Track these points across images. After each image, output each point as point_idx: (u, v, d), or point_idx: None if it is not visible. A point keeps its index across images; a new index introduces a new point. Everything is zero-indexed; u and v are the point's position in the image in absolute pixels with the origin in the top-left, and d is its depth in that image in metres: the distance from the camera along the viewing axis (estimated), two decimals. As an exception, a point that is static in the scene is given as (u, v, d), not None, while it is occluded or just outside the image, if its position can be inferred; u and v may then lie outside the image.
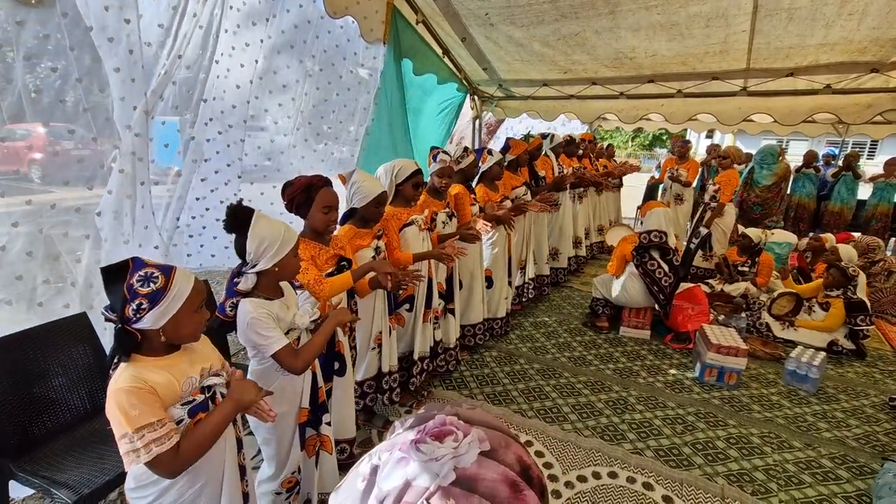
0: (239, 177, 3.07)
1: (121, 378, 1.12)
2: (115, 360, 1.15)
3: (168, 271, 1.17)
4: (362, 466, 0.53)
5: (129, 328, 1.14)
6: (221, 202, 2.95)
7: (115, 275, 1.14)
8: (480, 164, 3.36)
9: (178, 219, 2.63)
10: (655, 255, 3.75)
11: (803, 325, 3.95)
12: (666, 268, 3.72)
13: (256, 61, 2.96)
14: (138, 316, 1.13)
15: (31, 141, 2.59)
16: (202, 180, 2.89)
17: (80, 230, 2.15)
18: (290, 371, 1.58)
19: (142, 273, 1.14)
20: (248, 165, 3.37)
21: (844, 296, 3.81)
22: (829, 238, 4.42)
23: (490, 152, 3.44)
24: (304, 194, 1.86)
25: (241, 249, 1.50)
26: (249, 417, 1.44)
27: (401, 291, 2.67)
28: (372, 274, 2.07)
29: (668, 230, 3.77)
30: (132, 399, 1.09)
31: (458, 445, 0.48)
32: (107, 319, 1.15)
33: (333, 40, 3.47)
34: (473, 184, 3.43)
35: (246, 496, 1.41)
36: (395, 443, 0.51)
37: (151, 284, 1.13)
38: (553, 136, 4.87)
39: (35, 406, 1.85)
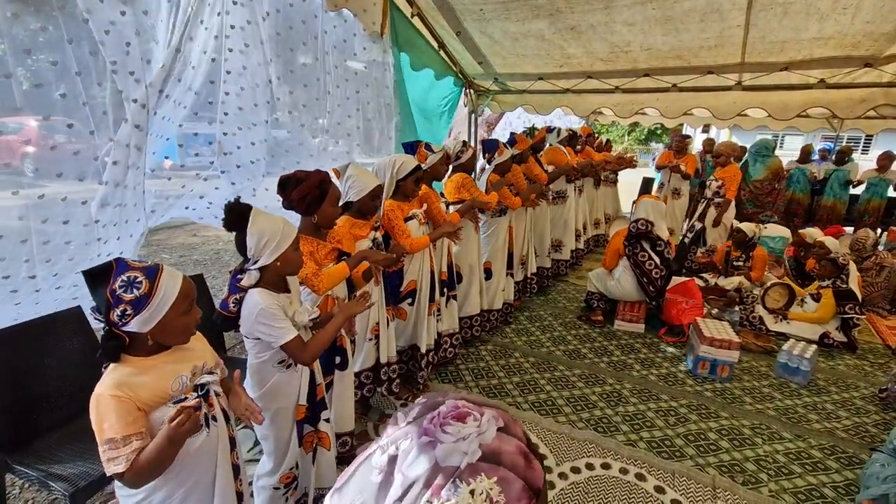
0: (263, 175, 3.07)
1: (105, 383, 1.09)
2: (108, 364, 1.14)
3: (153, 275, 1.12)
4: (375, 459, 0.52)
5: (117, 331, 1.12)
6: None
7: (98, 278, 1.10)
8: (497, 155, 3.43)
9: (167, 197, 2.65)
10: (646, 246, 3.77)
11: (796, 318, 3.99)
12: (657, 259, 3.74)
13: (270, 60, 2.94)
14: (123, 321, 1.10)
15: (25, 134, 2.57)
16: (232, 184, 2.89)
17: (74, 223, 2.15)
18: (299, 362, 1.60)
19: (125, 277, 1.09)
20: (245, 160, 3.36)
21: (834, 285, 3.85)
22: (807, 233, 4.45)
23: (507, 146, 3.55)
24: (319, 189, 1.85)
25: (241, 246, 1.51)
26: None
27: (401, 289, 2.72)
28: (365, 265, 2.09)
29: (654, 220, 3.78)
30: (107, 409, 1.07)
31: (480, 424, 0.51)
32: (96, 319, 1.13)
33: (331, 33, 3.45)
34: (487, 173, 3.49)
35: (240, 495, 1.38)
36: (409, 431, 0.52)
37: (135, 290, 1.09)
38: (559, 129, 4.91)
39: (31, 399, 1.85)
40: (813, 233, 4.44)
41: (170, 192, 2.69)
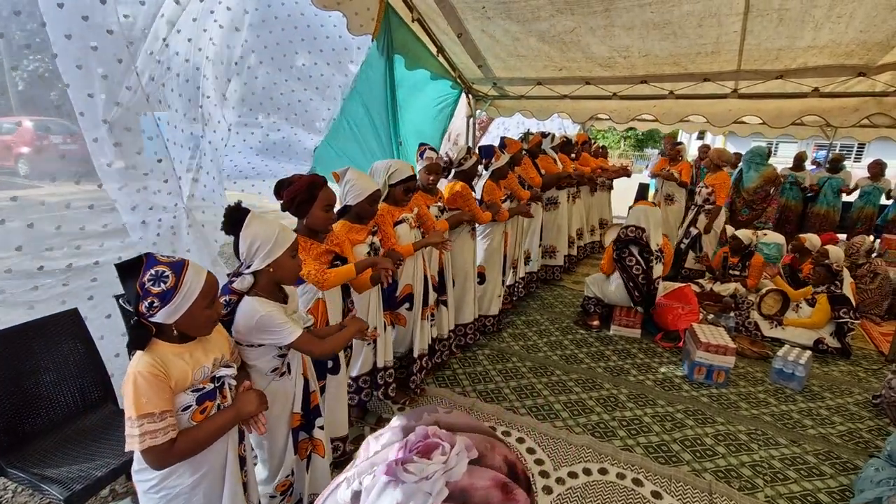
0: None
1: (142, 361, 1.17)
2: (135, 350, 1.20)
3: (180, 269, 1.19)
4: (340, 493, 0.49)
5: (145, 321, 1.19)
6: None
7: (128, 271, 1.18)
8: (494, 161, 3.43)
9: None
10: (634, 250, 3.80)
11: (792, 323, 4.01)
12: (643, 264, 3.76)
13: (286, 56, 2.96)
14: (151, 312, 1.17)
15: (18, 135, 2.55)
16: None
17: (74, 224, 2.13)
18: (314, 356, 1.63)
19: (153, 272, 1.17)
20: (241, 163, 3.35)
21: (828, 290, 3.88)
22: (807, 238, 4.48)
23: (501, 150, 3.54)
24: (307, 192, 1.85)
25: (237, 249, 1.51)
26: None
27: (398, 292, 2.71)
28: (370, 270, 2.10)
29: (647, 227, 3.80)
30: (146, 385, 1.14)
31: (447, 459, 0.46)
32: (124, 308, 1.21)
33: (333, 35, 3.47)
34: (483, 179, 3.48)
35: (245, 485, 1.44)
36: (376, 462, 0.48)
37: (162, 284, 1.16)
38: (553, 135, 4.93)
39: (25, 402, 1.83)
40: (812, 238, 4.48)
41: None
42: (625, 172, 6.54)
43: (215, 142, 2.80)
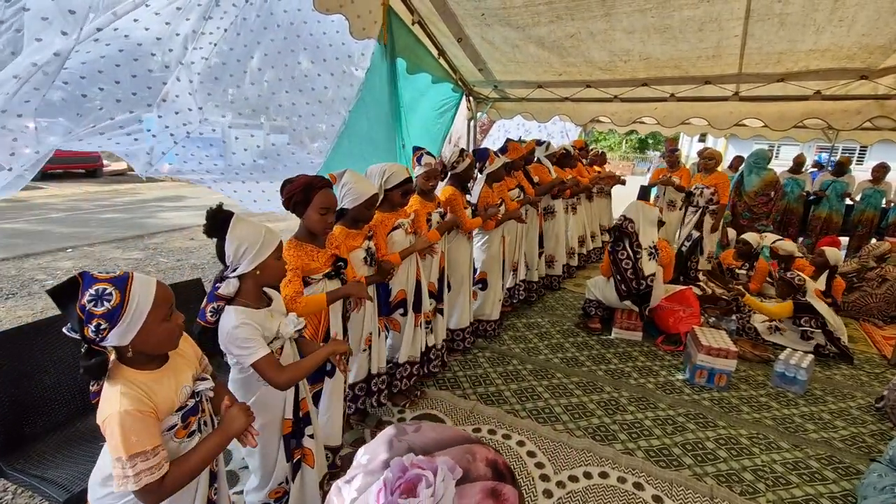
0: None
1: (121, 400, 1.07)
2: (96, 381, 1.10)
3: (123, 284, 1.07)
4: None
5: (97, 347, 1.08)
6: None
7: (64, 295, 1.05)
8: (488, 164, 3.40)
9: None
10: (627, 244, 3.80)
11: (750, 303, 4.04)
12: (633, 256, 3.76)
13: (287, 65, 2.98)
14: (100, 336, 1.05)
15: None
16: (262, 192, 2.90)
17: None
18: (271, 384, 1.50)
19: (93, 291, 1.04)
20: (239, 164, 3.34)
21: (794, 298, 3.88)
22: (779, 247, 4.46)
23: (497, 154, 3.51)
24: (303, 193, 1.84)
25: (221, 253, 1.48)
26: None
27: (392, 298, 2.70)
28: (361, 278, 2.09)
29: (637, 220, 3.80)
30: (135, 424, 1.06)
31: (434, 489, 0.42)
32: (73, 338, 1.08)
33: (336, 38, 3.47)
34: (480, 183, 3.46)
35: (211, 502, 1.37)
36: None
37: (105, 303, 1.04)
38: (548, 144, 4.91)
39: (26, 404, 1.83)
40: (785, 245, 4.46)
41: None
42: (617, 180, 6.53)
43: (167, 119, 2.57)
